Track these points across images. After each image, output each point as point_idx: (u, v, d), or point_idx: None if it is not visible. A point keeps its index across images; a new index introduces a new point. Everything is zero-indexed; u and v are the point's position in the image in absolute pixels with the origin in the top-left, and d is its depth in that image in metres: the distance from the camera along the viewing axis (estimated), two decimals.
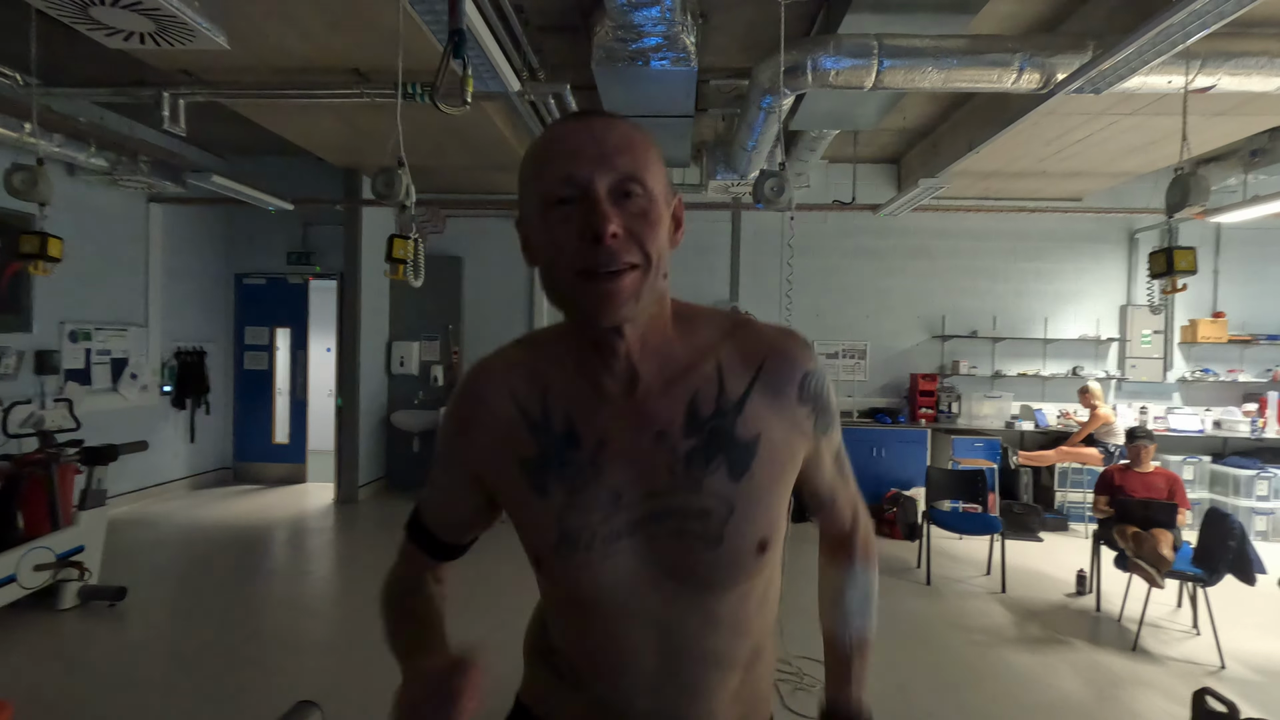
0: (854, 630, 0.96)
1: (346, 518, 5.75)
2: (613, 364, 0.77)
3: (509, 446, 0.81)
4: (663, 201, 0.74)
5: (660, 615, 0.79)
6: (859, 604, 0.97)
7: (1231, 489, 5.65)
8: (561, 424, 0.80)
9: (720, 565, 0.77)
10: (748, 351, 0.80)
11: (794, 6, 3.11)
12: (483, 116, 4.42)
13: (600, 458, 0.77)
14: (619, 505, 0.77)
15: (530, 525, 0.81)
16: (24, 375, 4.73)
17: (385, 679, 3.02)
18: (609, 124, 0.73)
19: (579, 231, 0.69)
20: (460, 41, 1.93)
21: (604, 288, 0.70)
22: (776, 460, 0.79)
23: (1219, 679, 3.14)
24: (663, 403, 0.77)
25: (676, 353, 0.79)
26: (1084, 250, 6.45)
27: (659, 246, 0.72)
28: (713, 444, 0.76)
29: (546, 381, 0.81)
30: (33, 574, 3.43)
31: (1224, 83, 3.28)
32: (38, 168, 3.42)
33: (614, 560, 0.77)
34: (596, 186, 0.70)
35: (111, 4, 2.56)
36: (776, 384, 0.79)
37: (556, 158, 0.72)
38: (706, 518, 0.76)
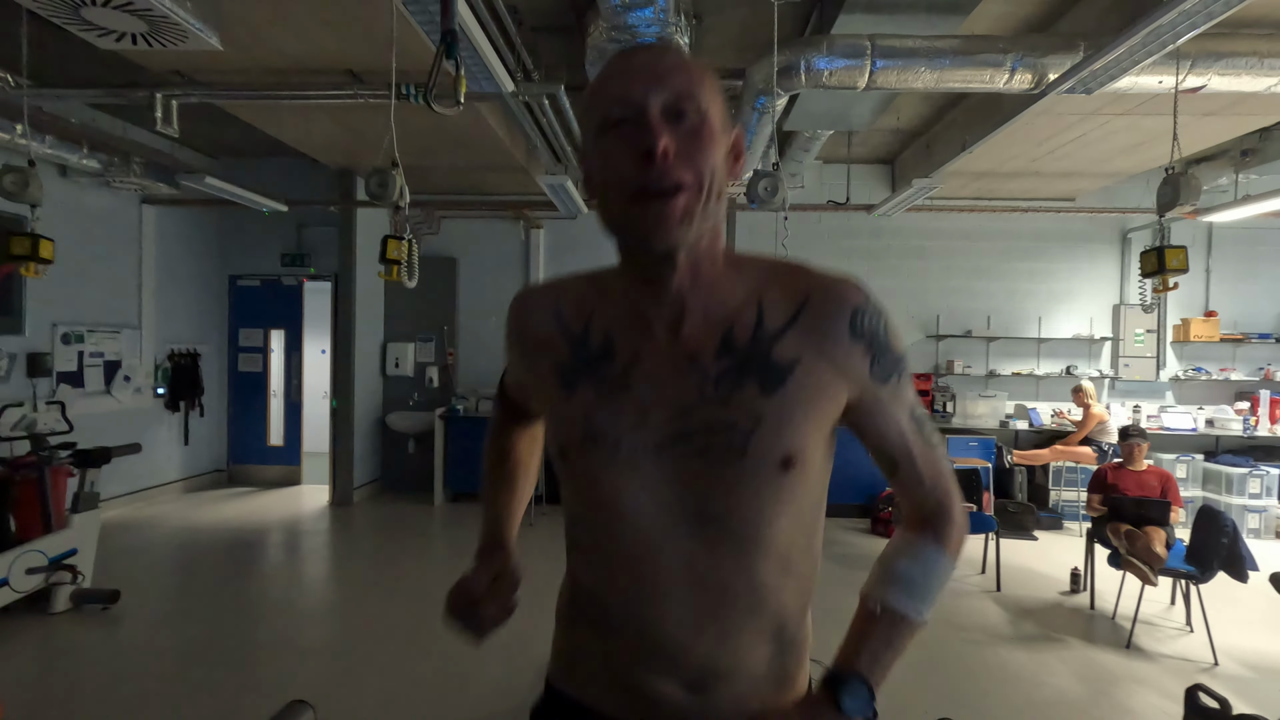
0: (893, 598, 0.81)
1: (341, 520, 5.73)
2: (661, 297, 0.77)
3: (547, 355, 0.85)
4: (718, 124, 0.73)
5: (684, 545, 0.77)
6: (914, 580, 0.82)
7: (1224, 487, 5.68)
8: (599, 341, 0.82)
9: (743, 480, 0.74)
10: (794, 288, 0.78)
11: (787, 7, 3.12)
12: (477, 117, 4.41)
13: (631, 373, 0.78)
14: (646, 421, 0.77)
15: (557, 421, 0.84)
16: (16, 378, 4.71)
17: (378, 681, 3.01)
18: (665, 50, 0.74)
19: (631, 150, 0.69)
20: (453, 42, 1.93)
21: (656, 208, 0.70)
22: (812, 388, 0.76)
23: (1212, 675, 3.15)
24: (702, 332, 0.77)
25: (724, 290, 0.78)
26: (1077, 250, 6.48)
27: (712, 167, 0.71)
28: (746, 365, 0.75)
29: (593, 306, 0.84)
30: (25, 577, 3.41)
31: (1214, 83, 3.30)
32: (29, 169, 3.40)
33: (638, 474, 0.77)
34: (649, 105, 0.70)
35: (103, 4, 2.55)
36: (821, 319, 0.76)
37: (612, 82, 0.73)
38: (732, 430, 0.74)
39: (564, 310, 0.85)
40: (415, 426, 6.59)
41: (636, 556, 0.79)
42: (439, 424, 6.21)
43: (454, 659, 3.12)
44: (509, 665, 3.02)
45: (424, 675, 3.01)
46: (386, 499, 6.46)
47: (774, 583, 0.79)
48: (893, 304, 4.20)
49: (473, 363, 6.78)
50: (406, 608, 3.76)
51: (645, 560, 0.78)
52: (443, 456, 6.23)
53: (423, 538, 5.29)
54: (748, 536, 0.76)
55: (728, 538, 0.76)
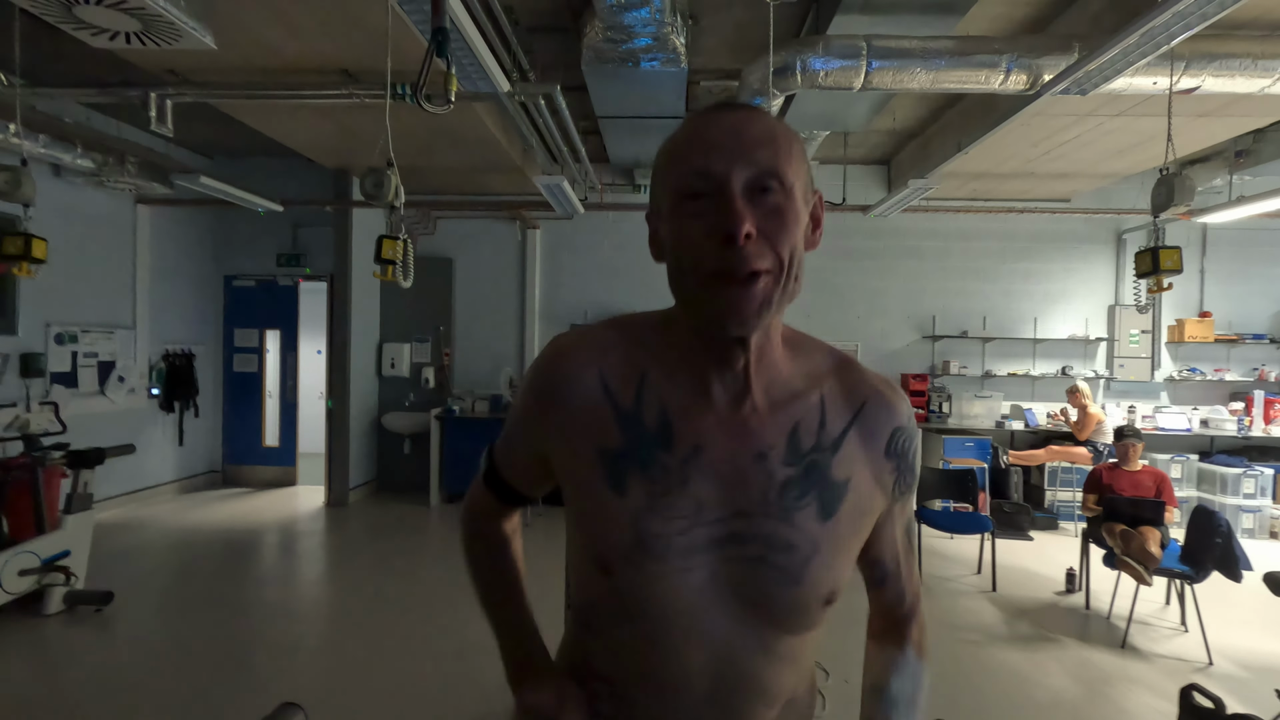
0: None
1: (337, 521, 5.72)
2: (727, 373, 0.73)
3: (589, 434, 0.75)
4: (801, 200, 0.69)
5: (721, 641, 0.74)
6: (908, 698, 0.84)
7: (1218, 487, 5.70)
8: (655, 420, 0.74)
9: (793, 606, 0.74)
10: (851, 390, 0.77)
11: (783, 8, 3.13)
12: (472, 117, 4.41)
13: (691, 466, 0.72)
14: (702, 519, 0.72)
15: (599, 524, 0.75)
16: (9, 378, 4.69)
17: (372, 682, 3.00)
18: (750, 116, 0.69)
19: (710, 230, 0.66)
20: (443, 40, 1.92)
21: (735, 293, 0.66)
22: (859, 509, 0.76)
23: (1206, 675, 3.16)
24: (768, 424, 0.73)
25: (785, 376, 0.76)
26: (1072, 250, 6.50)
27: (794, 249, 0.68)
28: (809, 478, 0.73)
29: (644, 370, 0.76)
30: (17, 579, 3.39)
31: (1208, 84, 3.31)
32: (21, 168, 3.39)
33: (687, 575, 0.72)
34: (732, 182, 0.66)
35: (96, 3, 2.54)
36: (871, 430, 0.77)
37: (693, 149, 0.68)
38: (791, 552, 0.72)
39: (609, 376, 0.76)
40: (411, 427, 6.58)
41: (667, 653, 0.75)
42: (435, 425, 6.20)
43: (447, 660, 3.12)
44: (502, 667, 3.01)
45: (418, 677, 3.00)
46: (382, 500, 6.44)
47: (796, 674, 0.81)
48: (889, 304, 4.24)
49: (469, 363, 6.77)
50: (401, 609, 3.75)
51: (680, 655, 0.75)
52: (438, 457, 6.22)
53: (418, 539, 5.28)
54: (784, 644, 0.77)
55: (764, 641, 0.76)
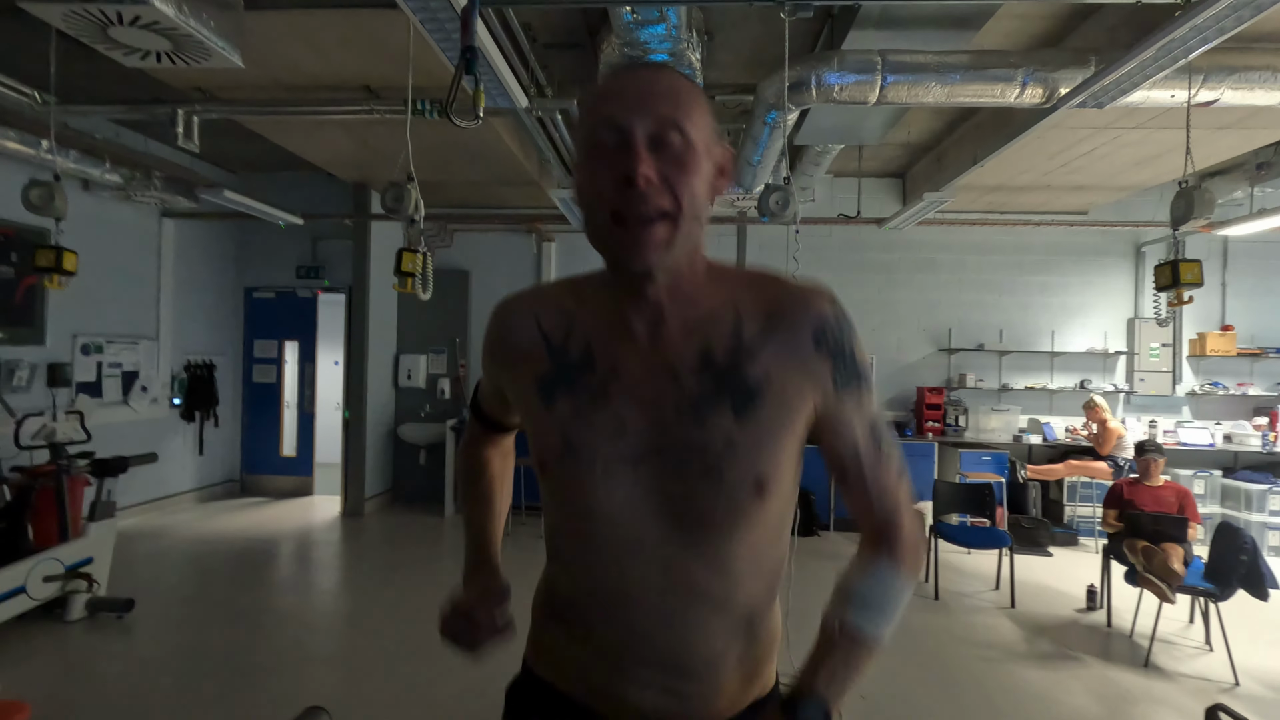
0: (850, 620, 0.80)
1: (353, 530, 5.76)
2: (641, 306, 0.80)
3: (528, 366, 0.86)
4: (703, 150, 0.75)
5: (660, 550, 0.80)
6: (871, 599, 0.81)
7: (1243, 504, 5.60)
8: (579, 350, 0.83)
9: (718, 501, 0.77)
10: (768, 299, 0.81)
11: (798, 24, 3.15)
12: (490, 132, 4.47)
13: (610, 386, 0.80)
14: (624, 434, 0.79)
15: (537, 434, 0.85)
16: (36, 388, 4.79)
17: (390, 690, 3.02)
18: (656, 72, 0.76)
19: (614, 174, 0.72)
20: (472, 59, 1.97)
21: (635, 233, 0.73)
22: (783, 405, 0.79)
23: (1233, 696, 3.10)
24: (682, 345, 0.80)
25: (702, 301, 0.81)
26: (1090, 263, 6.45)
27: (693, 194, 0.74)
28: (721, 385, 0.78)
29: (574, 314, 0.85)
30: (42, 585, 3.44)
31: (1227, 97, 3.29)
32: (54, 183, 3.48)
33: (616, 484, 0.79)
34: (635, 131, 0.72)
35: (130, 24, 2.62)
36: (790, 331, 0.79)
37: (602, 102, 0.75)
38: (705, 452, 0.77)
39: (544, 319, 0.87)
40: (427, 438, 6.62)
41: (611, 560, 0.82)
42: (450, 436, 6.24)
43: (462, 669, 3.12)
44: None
45: (433, 685, 3.00)
46: (398, 510, 6.48)
47: (745, 580, 0.82)
48: (904, 317, 4.23)
49: None
50: (417, 618, 3.77)
51: (620, 563, 0.81)
52: (454, 468, 6.25)
53: (433, 549, 5.30)
54: (721, 542, 0.80)
55: (702, 542, 0.80)
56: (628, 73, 0.77)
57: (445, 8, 2.38)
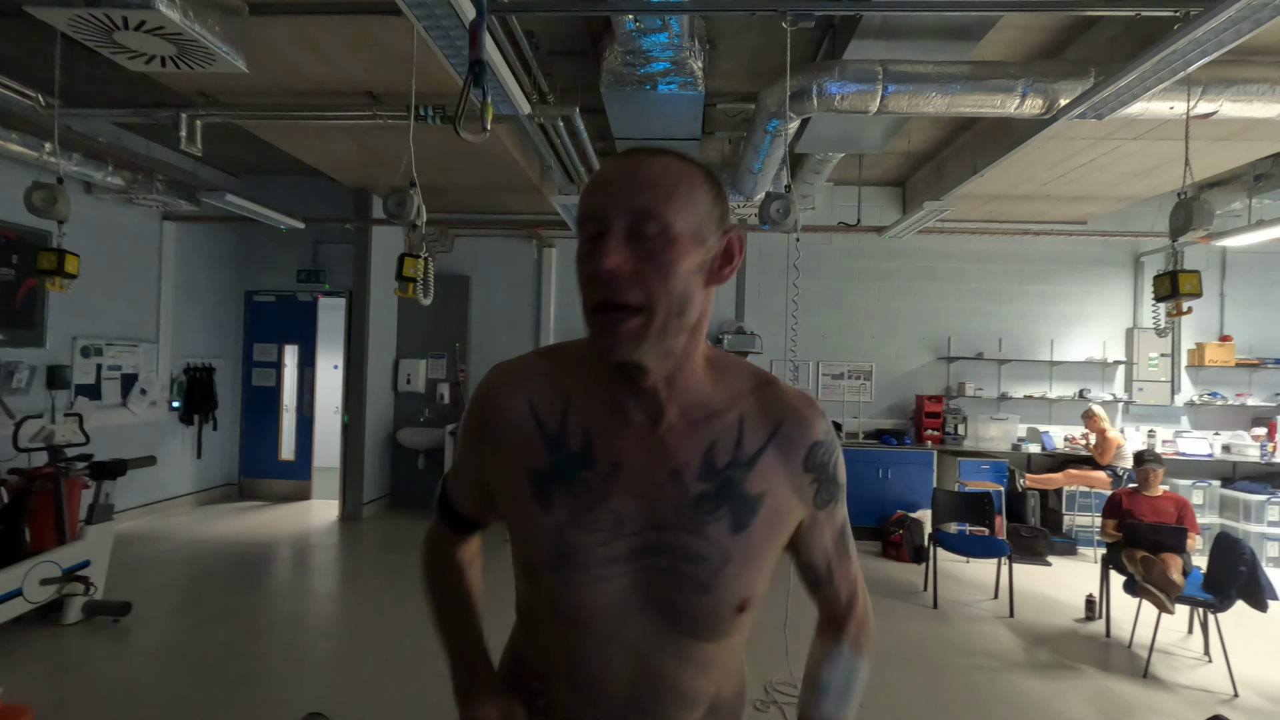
0: (825, 710, 0.89)
1: (351, 535, 5.74)
2: (639, 395, 0.78)
3: (520, 456, 0.81)
4: (687, 240, 0.72)
5: (640, 646, 0.81)
6: (838, 688, 0.90)
7: (1242, 514, 5.60)
8: (578, 441, 0.80)
9: (704, 613, 0.79)
10: (769, 410, 0.82)
11: (800, 33, 3.17)
12: (493, 139, 4.48)
13: (611, 483, 0.78)
14: (621, 531, 0.78)
15: (528, 536, 0.81)
16: (36, 390, 4.78)
17: (388, 696, 2.99)
18: (646, 159, 0.74)
19: (589, 265, 0.72)
20: (480, 72, 1.98)
21: (605, 324, 0.71)
22: (774, 522, 0.81)
23: (1232, 707, 3.09)
24: (684, 442, 0.78)
25: (704, 397, 0.80)
26: (1089, 273, 6.47)
27: (669, 289, 0.71)
28: (722, 493, 0.78)
29: (568, 395, 0.81)
30: (39, 588, 3.43)
31: (1226, 109, 3.31)
32: (57, 186, 3.49)
33: (606, 584, 0.79)
34: (612, 222, 0.71)
35: (135, 28, 2.63)
36: (788, 447, 0.81)
37: (591, 191, 0.74)
38: (701, 563, 0.77)
39: (537, 401, 0.82)
40: (425, 443, 6.62)
41: (589, 651, 0.82)
42: (449, 440, 6.23)
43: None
44: None
45: (431, 691, 2.99)
46: (395, 515, 6.47)
47: (716, 678, 0.86)
48: (904, 325, 4.24)
49: None
50: (414, 623, 3.75)
51: (597, 655, 0.82)
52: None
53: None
54: (699, 649, 0.82)
55: (681, 646, 0.81)
56: (621, 159, 0.75)
57: (449, 14, 2.39)
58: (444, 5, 2.32)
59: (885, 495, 5.83)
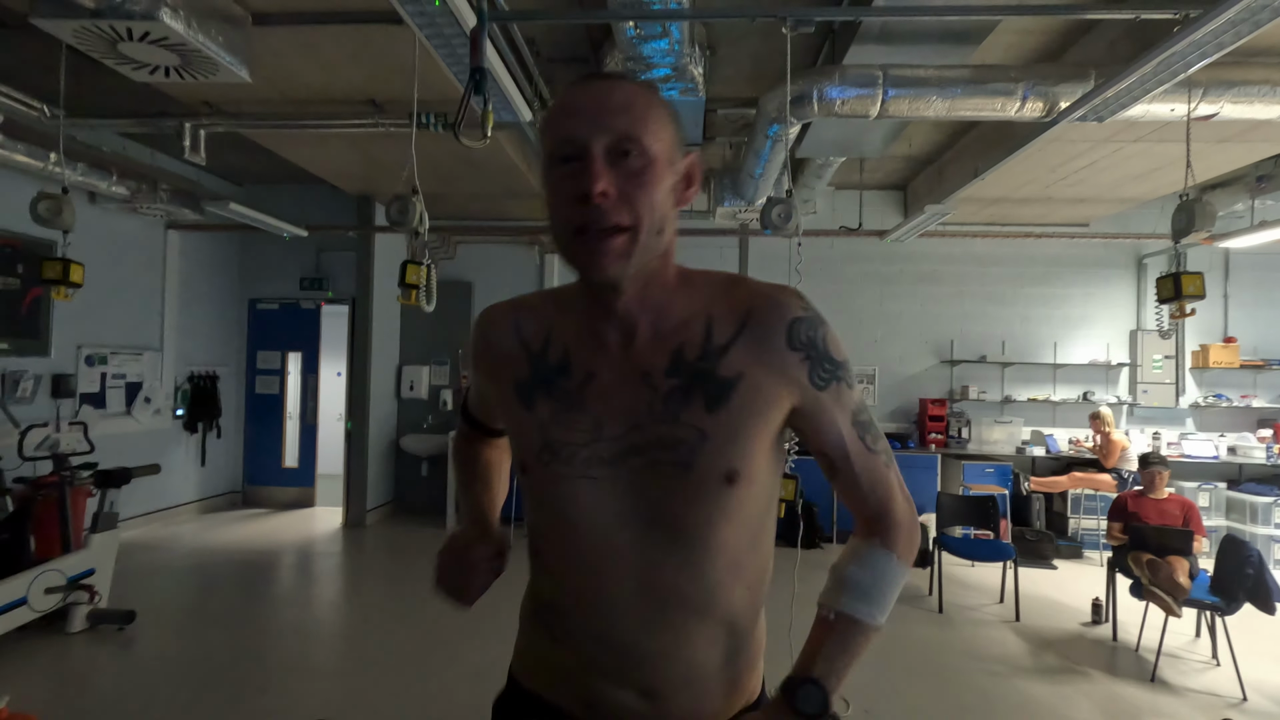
0: (844, 604, 0.81)
1: (355, 542, 5.75)
2: (611, 316, 0.82)
3: (509, 372, 0.89)
4: (663, 161, 0.76)
5: (636, 554, 0.80)
6: (864, 585, 0.82)
7: (1248, 516, 5.57)
8: (557, 356, 0.86)
9: (690, 493, 0.78)
10: (738, 302, 0.82)
11: (800, 38, 3.18)
12: (495, 146, 4.49)
13: (587, 389, 0.82)
14: (601, 434, 0.81)
15: (517, 435, 0.88)
16: (40, 399, 4.80)
17: (390, 704, 3.00)
18: (613, 85, 0.77)
19: (572, 189, 0.73)
20: (481, 79, 1.99)
21: (593, 246, 0.74)
22: (756, 400, 0.79)
23: (1241, 711, 3.07)
24: (654, 349, 0.81)
25: (673, 308, 0.82)
26: (1092, 275, 6.46)
27: (652, 207, 0.75)
28: (693, 382, 0.79)
29: (552, 323, 0.88)
30: (43, 597, 3.44)
31: (1226, 110, 3.31)
32: (62, 196, 3.51)
33: (593, 487, 0.81)
34: (592, 146, 0.73)
35: (139, 40, 2.65)
36: (762, 331, 0.80)
37: (561, 118, 0.76)
38: (679, 445, 0.78)
39: (524, 327, 0.89)
40: (429, 449, 6.62)
41: (590, 564, 0.82)
42: (452, 447, 6.22)
43: (465, 681, 3.11)
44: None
45: (436, 698, 2.99)
46: (399, 521, 6.47)
47: (724, 584, 0.82)
48: (906, 329, 4.23)
49: None
50: (419, 630, 3.75)
51: (598, 567, 0.82)
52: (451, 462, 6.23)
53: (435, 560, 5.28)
54: (696, 543, 0.80)
55: (677, 544, 0.80)
56: (585, 86, 0.77)
57: (451, 24, 2.41)
58: (445, 14, 2.34)
59: None
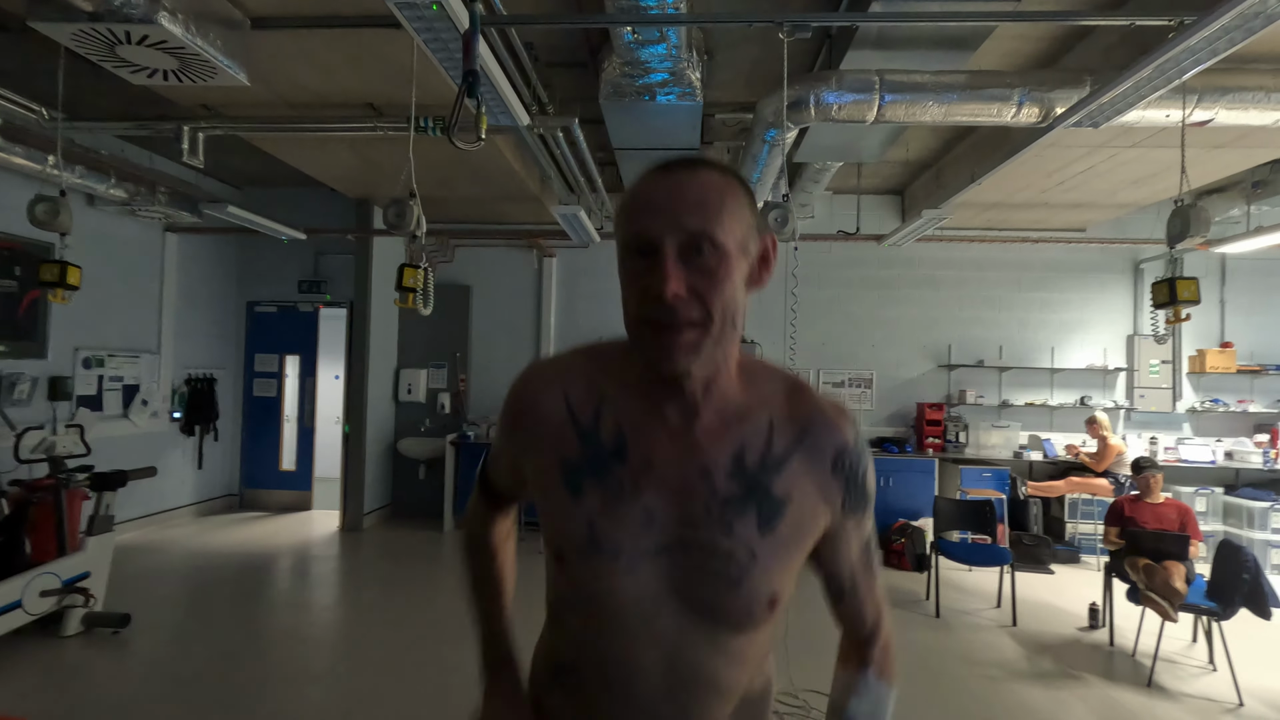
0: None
1: (351, 545, 5.73)
2: (677, 399, 0.80)
3: (554, 446, 0.84)
4: (736, 252, 0.75)
5: (671, 639, 0.81)
6: (865, 716, 0.89)
7: (1245, 521, 5.57)
8: (611, 437, 0.82)
9: (735, 609, 0.80)
10: (799, 414, 0.83)
11: (797, 44, 3.19)
12: (492, 149, 4.51)
13: (643, 479, 0.80)
14: (652, 527, 0.79)
15: (559, 523, 0.83)
16: (37, 401, 4.79)
17: (386, 708, 2.99)
18: (690, 177, 0.75)
19: (645, 286, 0.73)
20: (474, 82, 2.00)
21: (664, 340, 0.73)
22: (801, 523, 0.82)
23: (1237, 716, 3.07)
24: (715, 443, 0.80)
25: (737, 400, 0.82)
26: (1089, 280, 6.47)
27: (724, 303, 0.74)
28: (751, 493, 0.79)
29: (603, 393, 0.84)
30: (39, 600, 3.43)
31: (1222, 116, 3.33)
32: (60, 199, 3.51)
33: (636, 576, 0.80)
34: (665, 245, 0.72)
35: (138, 43, 2.66)
36: (816, 451, 0.82)
37: (636, 211, 0.75)
38: (730, 561, 0.78)
39: (572, 396, 0.84)
40: (426, 452, 6.61)
41: (622, 644, 0.82)
42: (450, 450, 6.23)
43: (461, 686, 3.10)
44: None
45: (433, 702, 2.98)
46: (396, 525, 6.45)
47: (748, 670, 0.86)
48: (904, 333, 4.25)
49: (484, 390, 6.82)
50: (416, 634, 3.74)
51: (630, 648, 0.82)
52: (453, 483, 6.23)
53: (432, 564, 5.28)
54: (731, 643, 0.83)
55: (712, 642, 0.82)
56: (661, 177, 0.76)
57: (449, 28, 2.42)
58: (442, 18, 2.35)
59: (887, 503, 5.80)
